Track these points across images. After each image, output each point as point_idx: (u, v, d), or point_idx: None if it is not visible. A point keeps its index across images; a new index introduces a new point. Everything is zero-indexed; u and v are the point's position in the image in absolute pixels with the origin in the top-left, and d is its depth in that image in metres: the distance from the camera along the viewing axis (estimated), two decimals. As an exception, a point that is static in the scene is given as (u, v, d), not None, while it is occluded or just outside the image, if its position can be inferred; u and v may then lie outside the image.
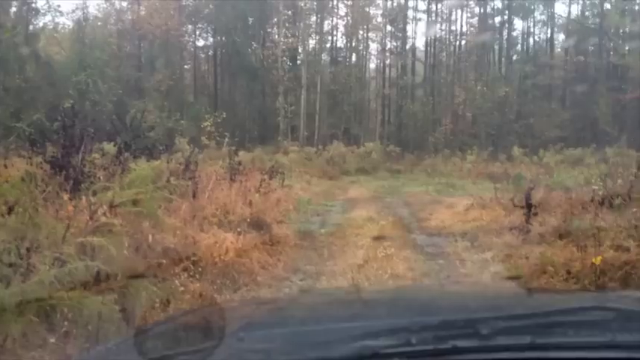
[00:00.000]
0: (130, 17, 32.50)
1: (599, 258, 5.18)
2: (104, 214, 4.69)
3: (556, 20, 35.51)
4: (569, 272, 5.32)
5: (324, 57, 35.32)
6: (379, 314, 1.32)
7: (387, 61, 35.80)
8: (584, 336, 1.12)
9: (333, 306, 1.53)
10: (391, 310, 1.39)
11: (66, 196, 5.29)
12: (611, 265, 5.22)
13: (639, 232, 5.96)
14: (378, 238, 8.14)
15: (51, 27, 29.66)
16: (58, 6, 30.19)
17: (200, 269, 5.33)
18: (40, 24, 28.22)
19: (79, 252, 3.88)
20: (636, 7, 32.99)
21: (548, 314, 1.21)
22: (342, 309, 1.47)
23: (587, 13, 34.76)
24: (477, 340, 1.01)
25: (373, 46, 36.83)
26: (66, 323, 3.32)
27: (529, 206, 8.08)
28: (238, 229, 7.08)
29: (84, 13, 31.55)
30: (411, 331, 1.05)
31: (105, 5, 32.76)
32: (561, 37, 36.71)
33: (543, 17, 35.78)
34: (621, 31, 33.95)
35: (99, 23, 32.82)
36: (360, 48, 36.51)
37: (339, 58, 36.16)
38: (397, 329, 1.10)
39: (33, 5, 26.82)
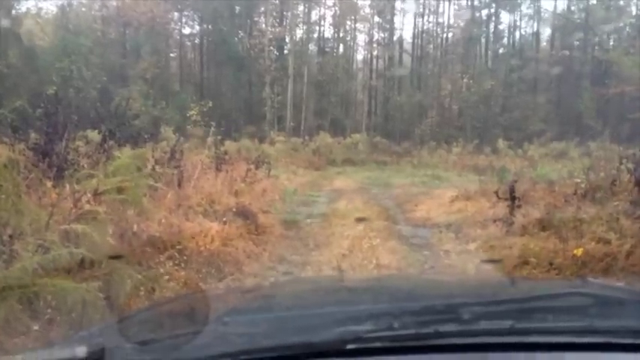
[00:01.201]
0: (114, 3, 32.05)
1: (580, 250, 5.26)
2: (88, 201, 4.65)
3: (542, 14, 35.76)
4: (551, 264, 5.40)
5: (312, 47, 35.25)
6: (362, 301, 1.34)
7: (375, 53, 35.84)
8: (563, 321, 1.14)
9: (317, 293, 1.55)
10: (374, 297, 1.40)
11: (49, 184, 5.24)
12: (593, 256, 5.30)
13: (620, 225, 6.05)
14: (364, 229, 8.17)
15: (34, 12, 29.17)
16: (42, -9, 29.53)
17: (185, 258, 5.31)
18: (23, 9, 27.74)
19: (63, 239, 3.85)
20: (621, 3, 33.35)
21: (528, 300, 1.23)
22: (326, 296, 1.49)
23: (572, 8, 35.03)
24: (458, 325, 1.02)
25: (361, 37, 36.86)
26: (49, 310, 3.30)
27: (513, 198, 8.16)
28: (224, 219, 7.07)
29: (68, -2, 31.06)
30: (394, 316, 1.07)
31: (89, -9, 32.22)
32: (547, 31, 37.03)
33: (530, 11, 36.02)
34: (606, 26, 34.27)
35: (83, 9, 32.36)
36: (348, 39, 36.51)
37: (327, 49, 36.09)
38: (380, 314, 1.12)
39: (16, -11, 26.31)
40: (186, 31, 35.58)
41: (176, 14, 34.04)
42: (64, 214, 4.37)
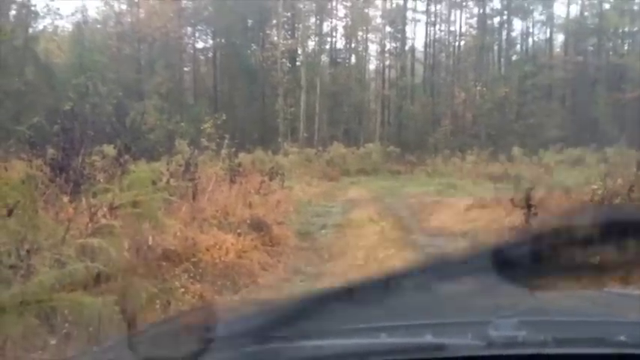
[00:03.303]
0: (129, 20, 32.57)
1: (597, 258, 5.18)
2: (104, 215, 4.70)
3: (555, 20, 35.60)
4: (568, 272, 5.32)
5: (324, 58, 35.40)
6: (375, 314, 1.33)
7: (387, 62, 35.87)
8: (578, 332, 1.13)
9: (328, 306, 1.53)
10: (387, 310, 1.39)
11: (66, 198, 5.30)
12: (611, 264, 5.21)
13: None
14: (379, 239, 8.15)
15: (50, 30, 29.67)
16: (58, 9, 29.93)
17: (200, 270, 5.34)
18: (40, 27, 28.23)
19: (79, 253, 3.89)
20: (635, 7, 33.09)
21: (543, 310, 1.22)
22: (337, 309, 1.47)
23: (586, 14, 34.81)
24: (471, 337, 1.02)
25: (372, 47, 36.95)
26: (66, 325, 3.33)
27: (529, 206, 8.08)
28: (238, 231, 7.10)
29: (83, 15, 31.65)
30: (406, 329, 1.06)
31: (104, 8, 32.82)
32: (560, 37, 36.83)
33: (542, 17, 35.87)
34: (620, 30, 34.03)
35: (98, 26, 32.88)
36: (360, 49, 36.61)
37: (339, 60, 36.21)
38: (392, 327, 1.11)
39: (32, 8, 26.83)
40: (200, 45, 36.03)
41: (189, 29, 34.48)
42: (81, 229, 4.42)
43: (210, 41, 35.31)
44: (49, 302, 3.19)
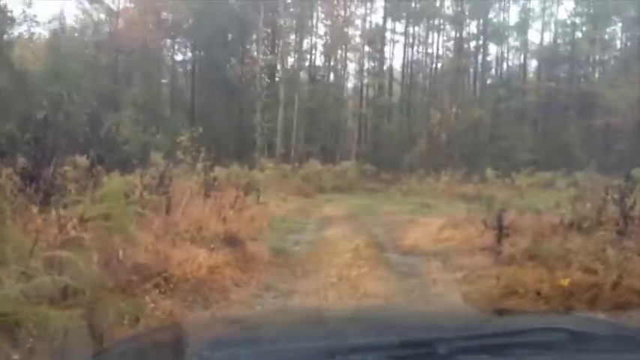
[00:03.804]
0: (107, 29, 32.27)
1: (567, 280, 5.29)
2: (74, 228, 4.61)
3: (529, 47, 36.49)
4: (538, 293, 5.41)
5: (303, 75, 35.57)
6: (342, 333, 1.33)
7: (365, 81, 36.26)
8: (539, 356, 1.15)
9: (298, 325, 1.54)
10: (354, 330, 1.40)
11: (35, 209, 5.18)
12: (579, 286, 5.32)
13: (606, 255, 6.10)
14: (352, 257, 8.15)
15: (26, 37, 29.22)
16: (35, 16, 29.37)
17: (171, 286, 5.26)
18: (16, 33, 27.76)
19: (47, 266, 3.80)
20: (606, 37, 34.16)
21: (505, 335, 1.24)
22: (307, 328, 1.48)
23: (559, 41, 35.78)
24: None
25: (351, 66, 37.28)
26: (31, 339, 3.24)
27: (500, 228, 8.21)
28: (211, 246, 7.03)
29: (61, 23, 31.28)
30: (370, 350, 1.07)
31: (82, 17, 32.47)
32: (534, 63, 37.75)
33: (517, 43, 36.75)
34: (591, 59, 35.07)
35: (76, 34, 32.53)
36: (339, 67, 36.92)
37: (318, 77, 36.45)
38: (356, 349, 1.12)
39: (9, 14, 26.39)
40: (179, 57, 35.91)
41: (169, 41, 34.34)
42: (49, 241, 4.32)
43: (189, 54, 35.27)
44: (13, 316, 3.12)
